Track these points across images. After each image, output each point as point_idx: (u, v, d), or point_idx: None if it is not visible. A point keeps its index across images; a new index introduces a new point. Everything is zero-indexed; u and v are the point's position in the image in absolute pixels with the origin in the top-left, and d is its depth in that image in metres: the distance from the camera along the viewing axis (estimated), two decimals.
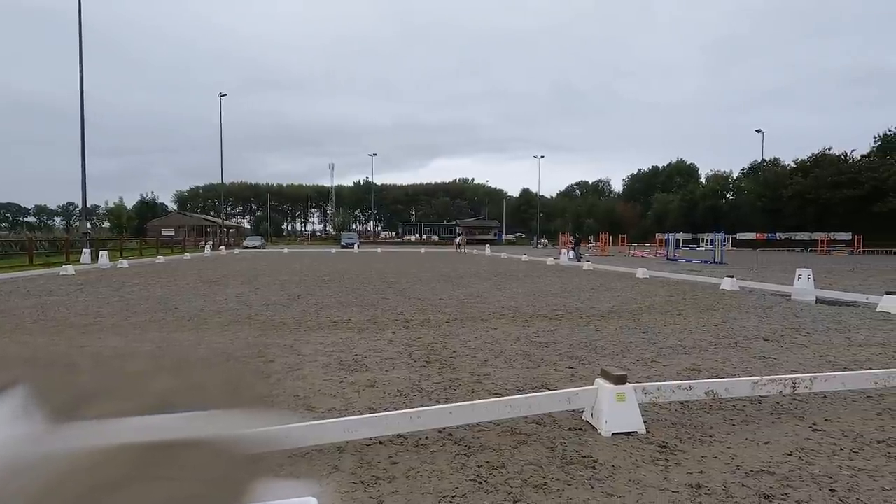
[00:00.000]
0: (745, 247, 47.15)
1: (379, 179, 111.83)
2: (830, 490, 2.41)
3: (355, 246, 51.92)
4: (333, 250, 44.47)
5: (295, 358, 4.95)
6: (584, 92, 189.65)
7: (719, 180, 74.21)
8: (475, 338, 6.01)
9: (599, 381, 3.20)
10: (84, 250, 22.32)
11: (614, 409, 3.07)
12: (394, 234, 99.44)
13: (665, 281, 14.18)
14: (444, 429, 3.08)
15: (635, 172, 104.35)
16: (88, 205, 27.39)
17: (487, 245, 45.87)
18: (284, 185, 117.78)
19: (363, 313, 7.88)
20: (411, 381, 4.19)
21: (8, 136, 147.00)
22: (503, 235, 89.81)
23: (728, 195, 71.18)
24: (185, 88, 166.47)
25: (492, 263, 23.73)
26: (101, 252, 21.89)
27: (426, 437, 3.01)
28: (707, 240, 40.81)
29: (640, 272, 15.37)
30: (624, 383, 3.11)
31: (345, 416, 3.28)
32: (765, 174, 63.57)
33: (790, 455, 2.80)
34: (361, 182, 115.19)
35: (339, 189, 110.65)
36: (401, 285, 12.47)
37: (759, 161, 68.18)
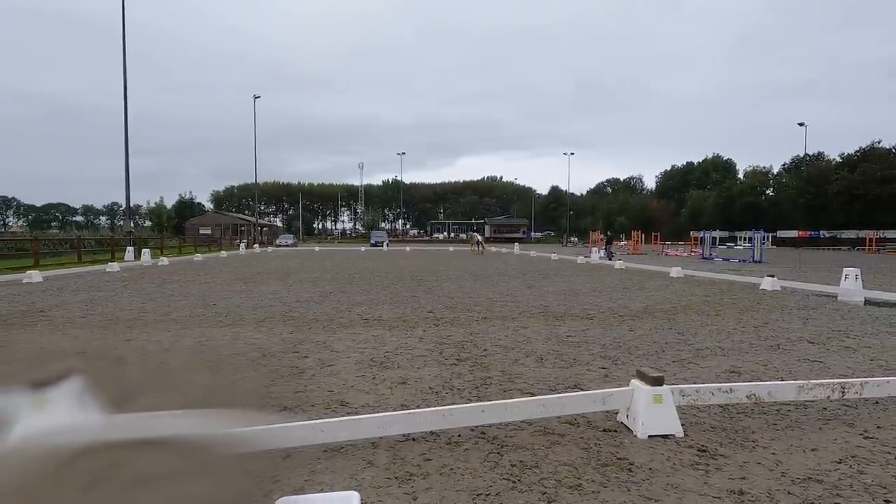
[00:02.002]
0: (785, 245, 45.35)
1: (406, 178, 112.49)
2: (885, 501, 2.29)
3: (384, 244, 52.46)
4: (363, 248, 45.05)
5: (328, 354, 5.04)
6: (610, 87, 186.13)
7: (758, 176, 71.38)
8: (505, 336, 5.98)
9: (635, 382, 3.14)
10: (128, 248, 23.33)
11: (651, 410, 3.00)
12: (422, 232, 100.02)
13: (701, 280, 13.77)
14: (477, 427, 3.08)
15: (668, 169, 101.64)
16: (131, 204, 28.60)
17: (516, 243, 45.56)
18: (315, 184, 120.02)
19: (393, 311, 7.95)
20: (443, 379, 4.20)
21: (57, 139, 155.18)
22: (532, 234, 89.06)
23: (768, 191, 68.50)
24: (209, 90, 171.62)
25: (520, 262, 23.56)
26: (143, 250, 22.85)
27: (459, 435, 3.01)
28: (745, 238, 39.37)
29: (675, 271, 14.97)
30: (661, 385, 3.03)
31: (378, 412, 3.33)
32: (808, 169, 60.84)
33: (839, 463, 2.68)
34: (390, 181, 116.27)
35: (369, 188, 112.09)
36: (430, 283, 12.52)
37: (802, 156, 65.31)
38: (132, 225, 28.73)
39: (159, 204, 75.38)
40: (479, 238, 35.32)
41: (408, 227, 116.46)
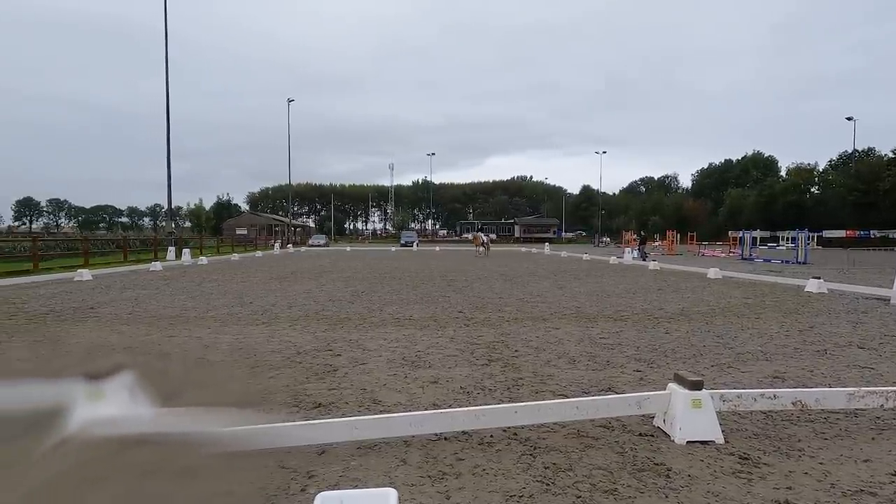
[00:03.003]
0: (832, 246, 43.22)
1: (436, 178, 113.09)
2: None
3: (414, 244, 52.78)
4: (393, 248, 45.49)
5: (360, 353, 5.11)
6: (642, 83, 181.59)
7: (802, 173, 68.24)
8: (537, 337, 5.93)
9: (672, 386, 3.06)
10: (169, 248, 24.33)
11: (689, 415, 2.91)
12: (451, 232, 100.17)
13: (740, 282, 13.28)
14: (509, 428, 3.07)
15: (705, 167, 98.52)
16: (172, 206, 29.79)
17: (546, 243, 45.05)
18: (346, 185, 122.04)
19: (424, 310, 7.99)
20: (474, 379, 4.20)
21: (104, 144, 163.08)
22: (562, 234, 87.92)
23: (812, 189, 65.45)
24: (243, 95, 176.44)
25: (551, 262, 23.29)
26: (183, 249, 23.78)
27: (491, 436, 3.00)
28: (788, 238, 37.73)
29: (712, 272, 14.49)
30: (700, 389, 2.94)
31: (410, 410, 3.36)
32: (857, 166, 57.79)
33: (895, 475, 2.53)
34: (420, 181, 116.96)
35: (399, 189, 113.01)
36: (460, 283, 12.53)
37: (851, 151, 62.09)
38: (173, 226, 29.89)
39: (198, 205, 78.25)
40: (484, 238, 31.62)
41: (437, 227, 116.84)
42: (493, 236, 36.42)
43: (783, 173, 77.47)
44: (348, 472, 2.54)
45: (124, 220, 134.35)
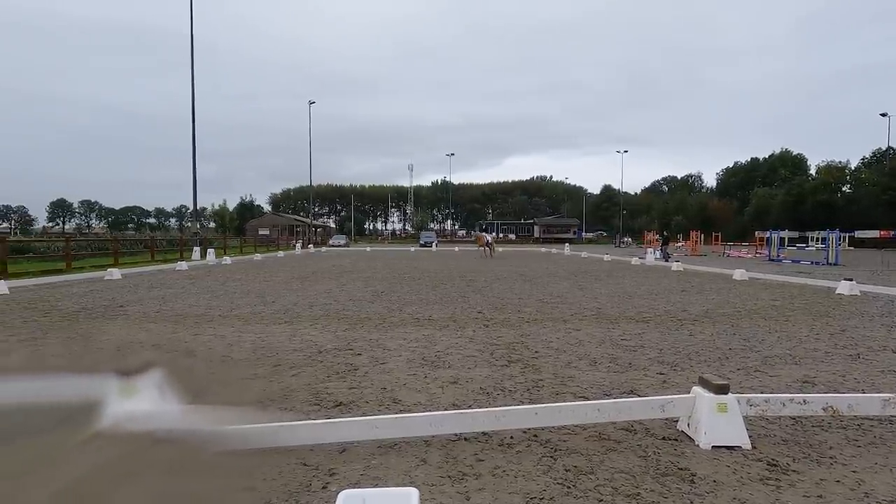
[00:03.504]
0: (865, 246, 41.75)
1: (455, 179, 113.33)
2: None
3: (433, 245, 52.89)
4: (412, 249, 45.67)
5: (380, 352, 5.15)
6: (665, 81, 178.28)
7: (833, 172, 66.00)
8: (557, 338, 5.88)
9: (697, 390, 3.00)
10: (195, 248, 24.89)
11: (714, 420, 2.85)
12: (471, 233, 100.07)
13: (768, 283, 12.93)
14: (529, 429, 3.05)
15: (731, 165, 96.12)
16: (197, 207, 30.46)
17: (566, 244, 44.63)
18: (366, 185, 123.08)
19: (443, 310, 8.00)
20: (494, 380, 4.19)
21: (132, 147, 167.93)
22: (583, 234, 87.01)
23: (844, 188, 63.28)
24: (264, 97, 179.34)
25: (571, 263, 23.06)
26: (208, 250, 24.31)
27: (511, 437, 2.99)
28: (818, 238, 36.58)
29: (738, 273, 14.14)
30: (726, 393, 2.88)
31: (430, 410, 3.36)
32: (891, 163, 55.67)
33: None
34: (439, 182, 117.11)
35: (418, 189, 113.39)
36: (479, 283, 12.51)
37: (885, 149, 59.83)
38: (198, 226, 30.59)
39: (223, 206, 79.86)
40: (489, 238, 29.26)
41: (456, 227, 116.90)
42: (495, 235, 34.20)
43: (813, 172, 75.06)
44: (369, 470, 2.56)
45: (151, 220, 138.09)
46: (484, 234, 31.98)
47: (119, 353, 5.08)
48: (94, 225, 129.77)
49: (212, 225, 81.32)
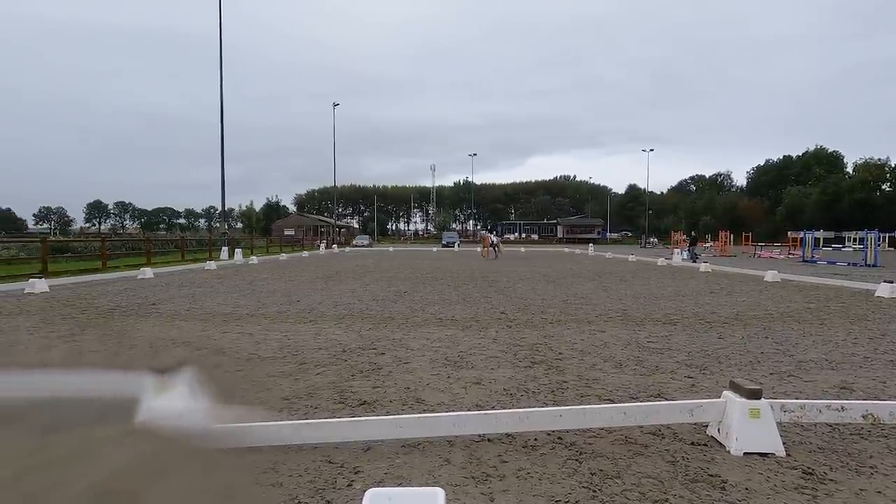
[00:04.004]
0: None
1: (477, 179, 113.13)
2: None
3: (455, 245, 52.90)
4: (435, 249, 45.79)
5: (404, 352, 5.18)
6: (692, 78, 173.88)
7: (872, 169, 63.39)
8: (581, 340, 5.81)
9: (728, 394, 2.91)
10: (223, 248, 25.50)
11: (746, 425, 2.77)
12: (494, 233, 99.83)
13: (802, 285, 12.50)
14: (554, 431, 3.02)
15: (761, 164, 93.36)
16: (225, 208, 31.21)
17: (590, 244, 44.06)
18: (389, 186, 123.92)
19: (466, 311, 8.00)
20: (517, 381, 4.16)
21: (162, 150, 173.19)
22: (607, 234, 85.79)
23: (883, 186, 60.71)
24: (287, 99, 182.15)
25: (595, 263, 22.75)
26: (235, 249, 24.89)
27: (535, 439, 2.97)
28: (855, 238, 35.19)
29: (770, 275, 13.72)
30: (758, 398, 2.79)
31: (453, 411, 3.36)
32: None
33: None
34: (461, 182, 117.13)
35: (440, 189, 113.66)
36: (501, 284, 12.45)
37: None
38: (226, 227, 31.34)
39: (249, 207, 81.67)
40: (494, 239, 26.70)
41: (478, 227, 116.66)
42: (500, 236, 29.23)
43: (849, 169, 72.26)
44: (393, 469, 2.58)
45: (181, 221, 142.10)
46: (488, 234, 29.07)
47: (152, 349, 5.24)
48: (127, 225, 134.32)
49: (239, 225, 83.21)
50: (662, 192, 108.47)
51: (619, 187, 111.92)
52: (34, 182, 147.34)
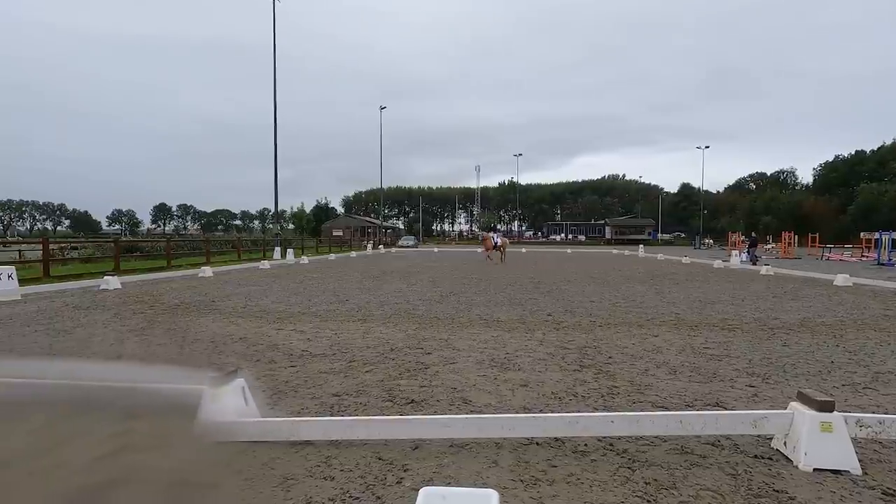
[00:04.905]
0: None
1: (522, 179, 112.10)
2: None
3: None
4: (479, 250, 45.67)
5: (450, 352, 5.20)
6: (749, 70, 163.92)
7: None
8: (632, 344, 5.62)
9: (795, 406, 2.74)
10: (275, 248, 26.55)
11: (817, 440, 2.59)
12: (538, 234, 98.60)
13: (878, 290, 11.55)
14: (605, 438, 2.94)
15: (830, 160, 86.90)
16: (278, 209, 32.45)
17: (640, 245, 42.58)
18: (434, 187, 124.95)
19: (511, 312, 7.93)
20: (565, 385, 4.09)
21: (220, 154, 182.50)
22: (658, 235, 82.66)
23: None
24: (334, 103, 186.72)
25: (645, 265, 21.97)
26: (287, 250, 25.86)
27: (585, 444, 2.90)
28: None
29: (840, 279, 12.77)
30: (830, 411, 2.61)
31: (500, 412, 3.34)
32: None
33: None
34: (506, 182, 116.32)
35: (485, 190, 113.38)
36: (547, 285, 12.26)
37: None
38: (279, 228, 32.63)
39: (300, 209, 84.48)
40: (497, 240, 23.57)
41: (524, 228, 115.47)
42: (505, 237, 25.03)
43: None
44: (441, 468, 2.59)
45: (237, 222, 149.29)
46: (491, 234, 24.86)
47: (212, 344, 5.53)
48: (189, 227, 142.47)
49: (290, 226, 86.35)
50: (718, 192, 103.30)
51: (672, 186, 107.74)
52: (108, 186, 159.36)
